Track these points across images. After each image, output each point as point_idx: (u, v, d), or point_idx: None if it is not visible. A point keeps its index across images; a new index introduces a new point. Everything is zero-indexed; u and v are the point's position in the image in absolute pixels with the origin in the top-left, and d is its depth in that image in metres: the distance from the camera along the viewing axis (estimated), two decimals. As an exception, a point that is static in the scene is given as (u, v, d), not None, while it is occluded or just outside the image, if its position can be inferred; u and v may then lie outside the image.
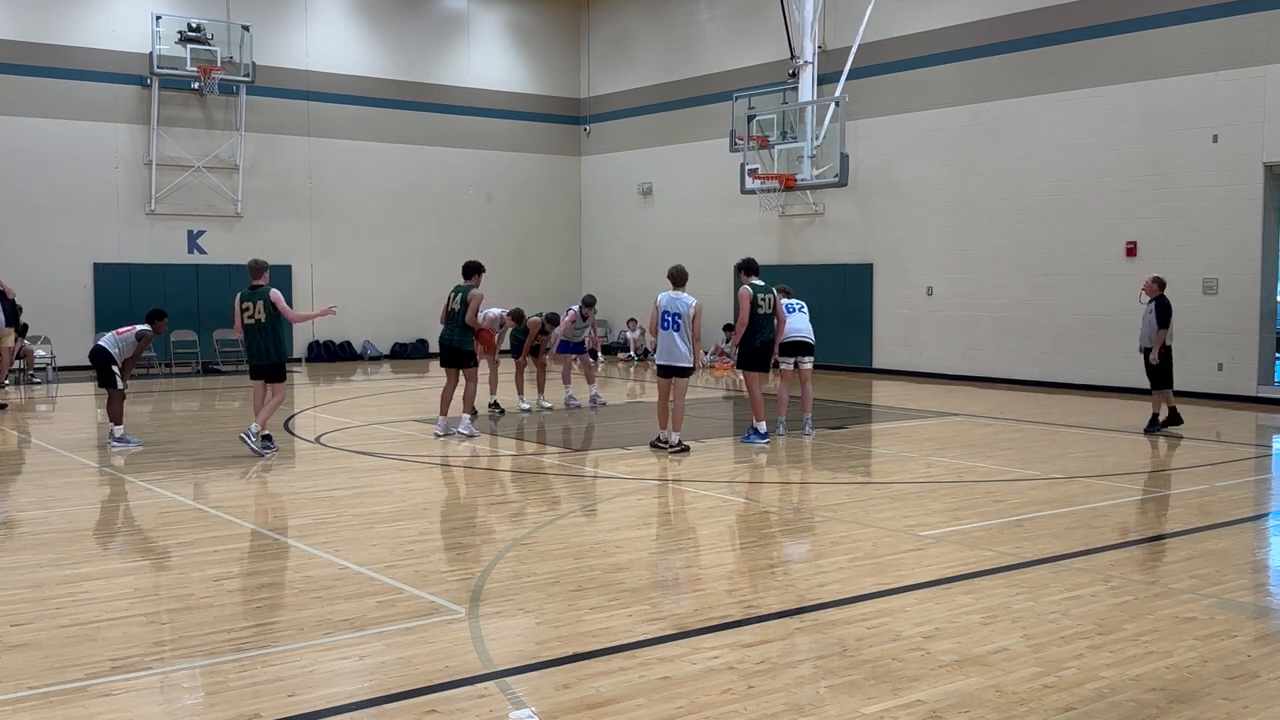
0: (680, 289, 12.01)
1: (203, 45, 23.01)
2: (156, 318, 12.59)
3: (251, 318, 11.62)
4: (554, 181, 28.52)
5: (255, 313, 11.59)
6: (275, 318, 11.61)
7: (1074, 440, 13.06)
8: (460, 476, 11.03)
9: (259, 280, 11.72)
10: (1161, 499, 9.99)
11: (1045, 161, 19.00)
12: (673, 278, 12.13)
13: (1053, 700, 4.85)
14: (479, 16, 27.37)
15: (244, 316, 11.68)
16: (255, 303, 11.60)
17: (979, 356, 20.23)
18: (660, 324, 11.88)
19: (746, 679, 5.08)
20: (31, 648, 5.53)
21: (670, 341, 11.86)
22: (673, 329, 11.83)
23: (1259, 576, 7.23)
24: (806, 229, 23.32)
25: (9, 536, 8.12)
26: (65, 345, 21.52)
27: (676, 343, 11.85)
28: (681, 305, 11.84)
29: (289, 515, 9.15)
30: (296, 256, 24.55)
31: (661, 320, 11.87)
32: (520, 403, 15.61)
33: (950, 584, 6.74)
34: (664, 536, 8.33)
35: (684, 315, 11.82)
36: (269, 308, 11.55)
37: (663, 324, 11.87)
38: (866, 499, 9.58)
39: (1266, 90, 16.31)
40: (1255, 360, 16.67)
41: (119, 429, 12.35)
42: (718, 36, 25.13)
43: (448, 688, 4.97)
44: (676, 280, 12.09)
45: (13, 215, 21.79)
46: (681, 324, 11.83)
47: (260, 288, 11.66)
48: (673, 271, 12.18)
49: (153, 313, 12.66)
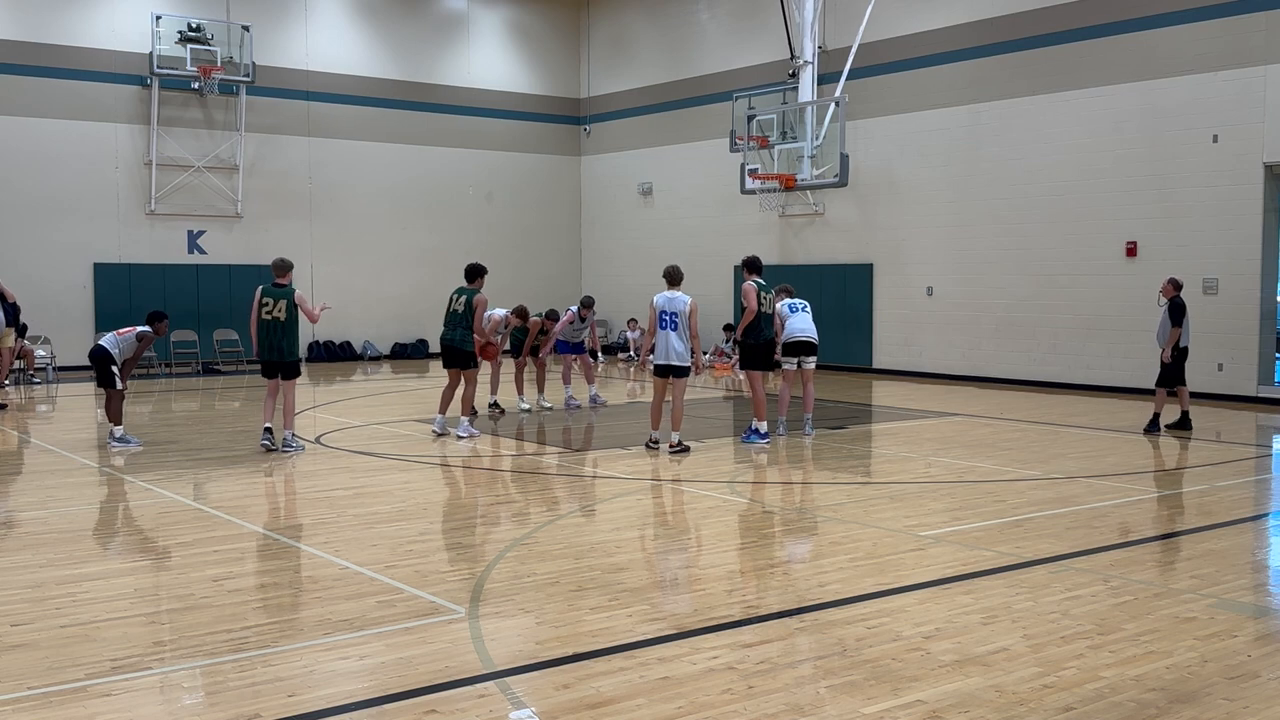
0: (676, 288, 12.06)
1: (203, 45, 23.02)
2: (157, 319, 12.62)
3: (270, 314, 11.77)
4: (554, 181, 28.52)
5: (275, 310, 11.75)
6: (295, 317, 11.82)
7: (1074, 440, 13.06)
8: (460, 476, 11.03)
9: (283, 279, 11.89)
10: (1161, 499, 9.99)
11: (1045, 161, 19.00)
12: (668, 277, 12.18)
13: (1053, 700, 4.85)
14: (479, 16, 27.37)
15: (262, 312, 11.82)
16: (277, 301, 11.76)
17: (979, 356, 20.23)
18: (659, 324, 11.91)
19: (746, 679, 5.08)
20: (31, 648, 5.53)
21: (668, 341, 11.89)
22: (670, 328, 11.87)
23: (1259, 576, 7.23)
24: (806, 229, 23.32)
25: (9, 536, 8.12)
26: (65, 345, 21.54)
27: (674, 342, 11.87)
28: (678, 304, 11.88)
29: (289, 515, 9.16)
30: (297, 256, 24.32)
31: (660, 320, 11.90)
32: (520, 403, 15.62)
33: (950, 584, 6.74)
34: (664, 536, 8.33)
35: (681, 314, 11.86)
36: (291, 308, 11.75)
37: (660, 324, 11.91)
38: (866, 499, 9.58)
39: (1266, 90, 16.31)
40: (1255, 360, 16.67)
41: (118, 429, 12.36)
42: (718, 36, 25.14)
43: (448, 688, 4.97)
44: (672, 279, 12.14)
45: (13, 215, 21.79)
46: (679, 323, 11.87)
47: (284, 286, 11.84)
48: (668, 271, 12.24)
49: (153, 314, 12.69)
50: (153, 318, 12.63)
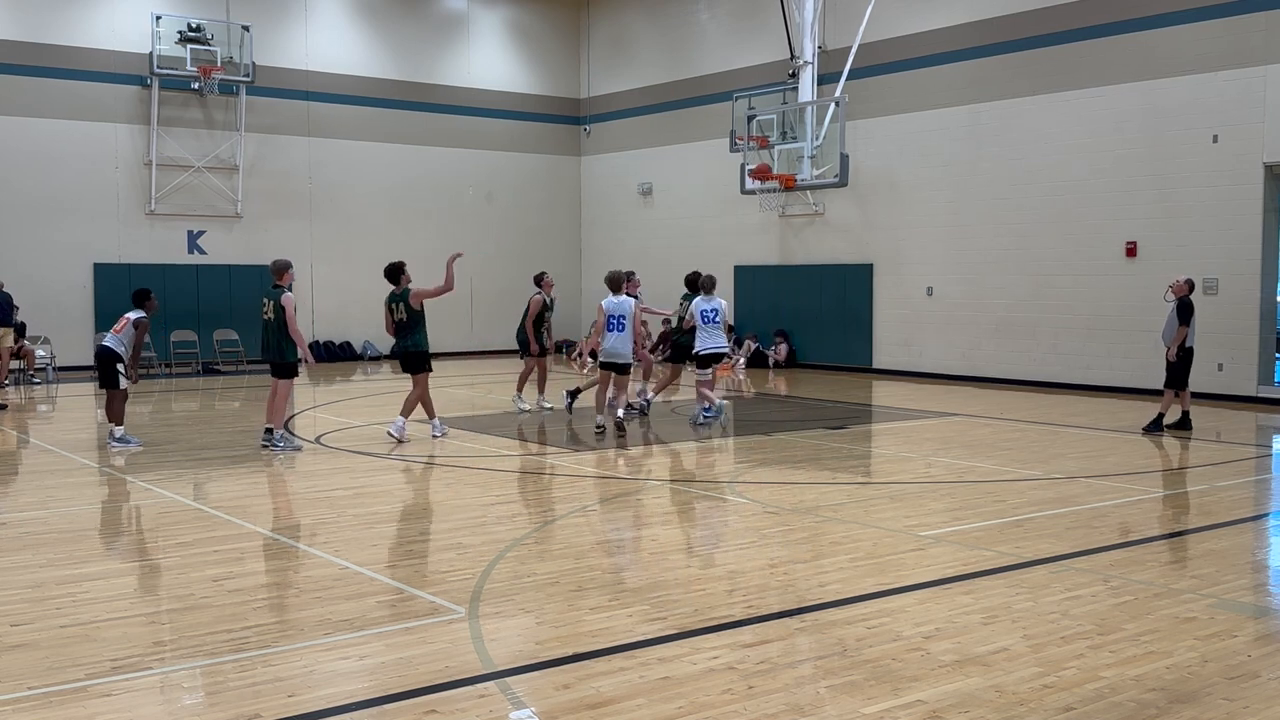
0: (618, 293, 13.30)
1: (203, 45, 23.02)
2: (145, 297, 12.51)
3: (266, 314, 12.16)
4: (554, 181, 28.52)
5: (268, 311, 12.12)
6: (283, 319, 11.99)
7: (1074, 440, 13.06)
8: (460, 476, 11.02)
9: (277, 280, 12.21)
10: (1161, 499, 9.99)
11: (1045, 161, 19.00)
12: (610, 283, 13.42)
13: (1053, 700, 4.85)
14: (479, 16, 27.38)
15: (261, 312, 12.24)
16: (269, 301, 12.10)
17: (979, 356, 20.23)
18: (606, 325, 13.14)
19: (746, 679, 5.08)
20: (31, 648, 5.53)
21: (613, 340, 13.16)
22: (616, 330, 13.12)
23: (1259, 576, 7.24)
24: (806, 229, 23.32)
25: (9, 536, 8.12)
26: (65, 345, 21.54)
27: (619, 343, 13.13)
28: (626, 308, 13.14)
29: (289, 515, 9.16)
30: (296, 257, 24.37)
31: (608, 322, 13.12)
32: (519, 402, 15.54)
33: (950, 584, 6.74)
34: (664, 536, 8.33)
35: (626, 317, 13.10)
36: (279, 309, 11.96)
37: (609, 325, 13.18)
38: (867, 499, 9.58)
39: (1266, 90, 16.31)
40: (1255, 360, 16.66)
41: (119, 429, 12.37)
42: (718, 36, 25.14)
43: (448, 688, 4.97)
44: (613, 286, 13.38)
45: (13, 215, 21.79)
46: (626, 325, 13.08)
47: (279, 288, 12.12)
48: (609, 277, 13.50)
49: (138, 293, 12.56)
50: (139, 297, 12.51)
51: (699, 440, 13.14)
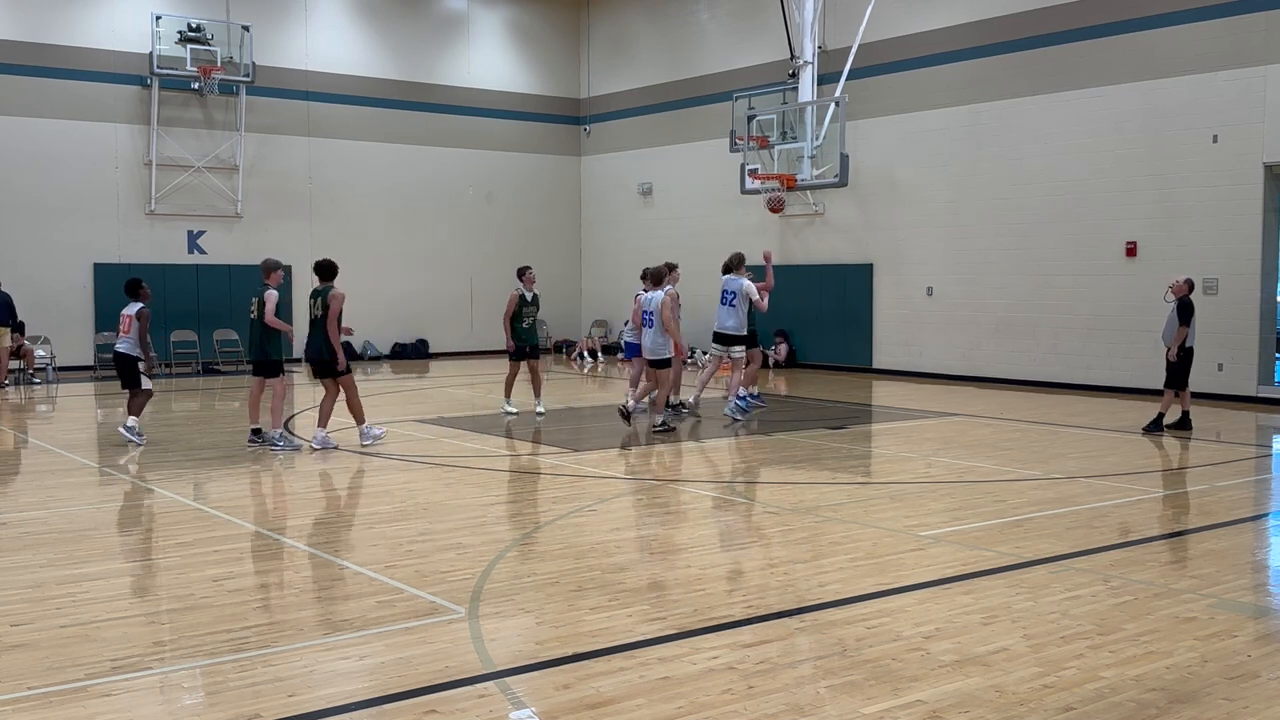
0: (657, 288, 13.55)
1: (203, 45, 23.01)
2: (137, 287, 12.51)
3: (253, 313, 12.26)
4: (554, 181, 28.51)
5: (254, 309, 12.23)
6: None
7: (1074, 440, 13.06)
8: (460, 477, 11.01)
9: (266, 279, 12.29)
10: (1161, 499, 9.99)
11: (1045, 161, 18.99)
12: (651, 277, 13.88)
13: (1053, 700, 4.85)
14: (479, 16, 27.37)
15: (249, 311, 12.37)
16: (255, 300, 12.23)
17: (979, 356, 20.23)
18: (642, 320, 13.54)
19: (746, 679, 5.08)
20: (31, 648, 5.53)
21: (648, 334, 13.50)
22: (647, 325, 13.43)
23: (1259, 576, 7.24)
24: (806, 229, 23.32)
25: (9, 536, 8.11)
26: (65, 345, 21.55)
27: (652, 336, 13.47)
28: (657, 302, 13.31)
29: (289, 515, 9.16)
30: (296, 257, 24.45)
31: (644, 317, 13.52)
32: (506, 406, 15.21)
33: (950, 584, 6.74)
34: (664, 536, 8.33)
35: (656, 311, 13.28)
36: (262, 305, 12.10)
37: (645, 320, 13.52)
38: (866, 499, 9.58)
39: (1266, 90, 16.31)
40: (1255, 360, 16.66)
41: (132, 419, 12.46)
42: (718, 36, 25.13)
43: (448, 688, 4.97)
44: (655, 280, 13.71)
45: (13, 215, 21.79)
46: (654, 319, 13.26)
47: (266, 286, 12.20)
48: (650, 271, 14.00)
49: (130, 284, 12.53)
50: (132, 288, 12.50)
51: (699, 440, 13.14)
